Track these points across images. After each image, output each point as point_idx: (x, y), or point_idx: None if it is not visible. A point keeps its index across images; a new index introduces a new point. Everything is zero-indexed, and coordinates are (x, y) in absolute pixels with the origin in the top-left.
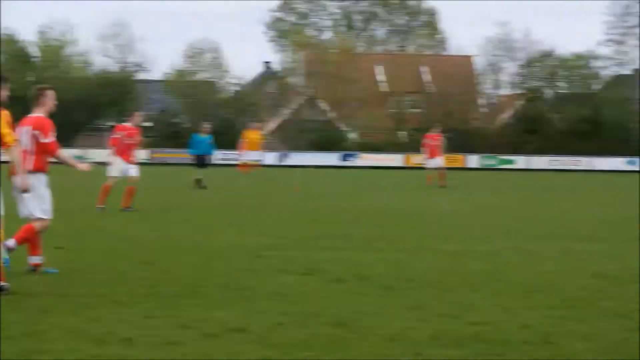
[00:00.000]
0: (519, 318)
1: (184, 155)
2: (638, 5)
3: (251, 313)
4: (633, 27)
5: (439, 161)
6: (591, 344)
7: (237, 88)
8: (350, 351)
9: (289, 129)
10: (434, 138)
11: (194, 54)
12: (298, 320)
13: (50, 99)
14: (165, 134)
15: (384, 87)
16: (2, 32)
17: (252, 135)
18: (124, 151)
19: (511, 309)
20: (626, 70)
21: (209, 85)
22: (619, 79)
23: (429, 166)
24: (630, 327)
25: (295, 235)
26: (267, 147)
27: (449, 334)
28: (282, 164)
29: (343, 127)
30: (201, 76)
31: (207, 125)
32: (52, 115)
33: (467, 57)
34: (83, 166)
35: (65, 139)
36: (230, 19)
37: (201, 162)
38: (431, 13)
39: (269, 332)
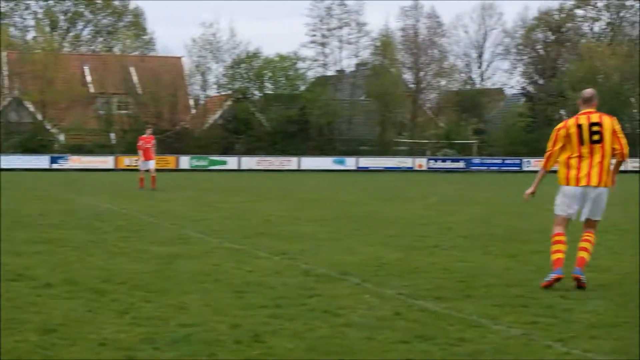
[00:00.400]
0: (229, 318)
1: None
2: (338, 7)
3: None
4: (334, 28)
5: (152, 163)
6: (300, 341)
7: None
8: (60, 357)
9: None
10: (147, 140)
11: None
12: (5, 327)
13: None
14: None
15: (91, 88)
16: None
17: None
18: None
19: (222, 309)
20: (329, 72)
21: None
22: (322, 80)
23: (142, 168)
24: (337, 324)
25: (3, 239)
26: None
27: (161, 337)
28: None
29: (51, 129)
30: None
31: None
32: None
33: (177, 58)
34: None
35: None
36: None
37: None
38: (137, 13)
39: None
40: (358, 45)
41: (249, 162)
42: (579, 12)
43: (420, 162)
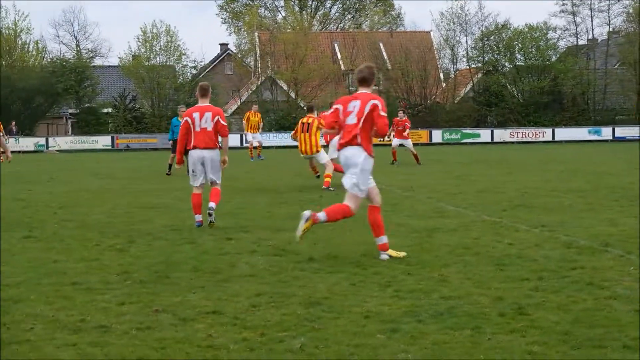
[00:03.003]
0: (491, 291)
1: (147, 140)
2: None
3: (225, 296)
4: None
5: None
6: (565, 314)
7: (195, 71)
8: (327, 330)
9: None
10: (400, 123)
11: (148, 38)
12: (272, 301)
13: None
14: (126, 119)
15: (342, 66)
16: None
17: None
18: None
19: (483, 282)
20: (581, 41)
21: (168, 69)
22: (573, 50)
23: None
24: (602, 296)
25: (264, 216)
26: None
27: (424, 309)
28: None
29: (304, 106)
30: (157, 60)
31: (183, 109)
32: (11, 105)
33: (425, 33)
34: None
35: (26, 127)
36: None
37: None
38: None
39: (244, 314)
40: (610, 13)
41: (502, 134)
42: None
43: None
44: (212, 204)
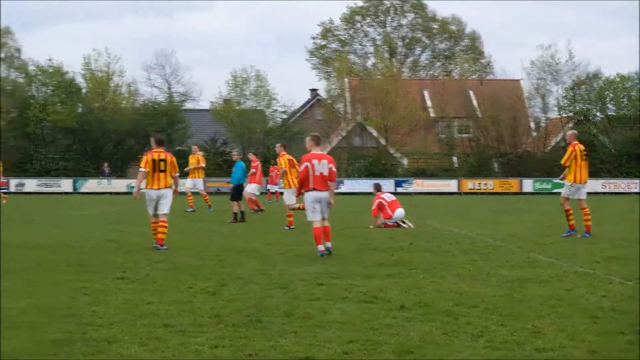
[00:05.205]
0: (586, 344)
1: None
2: None
3: (316, 341)
4: None
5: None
6: None
7: (285, 116)
8: None
9: (340, 156)
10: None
11: (238, 82)
12: (364, 348)
13: None
14: (217, 163)
15: (431, 113)
16: (49, 63)
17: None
18: None
19: (577, 334)
20: None
21: (258, 113)
22: None
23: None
24: None
25: (354, 262)
26: None
27: None
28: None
29: (394, 153)
30: (248, 105)
31: (235, 153)
32: (103, 146)
33: (515, 81)
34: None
35: (118, 169)
36: (272, 46)
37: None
38: (473, 37)
39: None
40: None
41: (594, 184)
42: None
43: None
44: (328, 245)
